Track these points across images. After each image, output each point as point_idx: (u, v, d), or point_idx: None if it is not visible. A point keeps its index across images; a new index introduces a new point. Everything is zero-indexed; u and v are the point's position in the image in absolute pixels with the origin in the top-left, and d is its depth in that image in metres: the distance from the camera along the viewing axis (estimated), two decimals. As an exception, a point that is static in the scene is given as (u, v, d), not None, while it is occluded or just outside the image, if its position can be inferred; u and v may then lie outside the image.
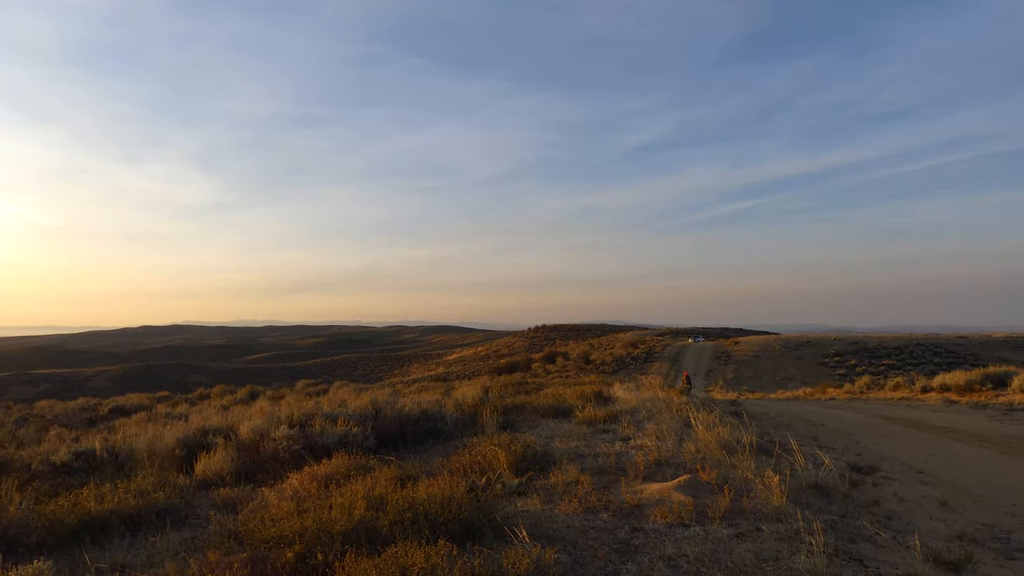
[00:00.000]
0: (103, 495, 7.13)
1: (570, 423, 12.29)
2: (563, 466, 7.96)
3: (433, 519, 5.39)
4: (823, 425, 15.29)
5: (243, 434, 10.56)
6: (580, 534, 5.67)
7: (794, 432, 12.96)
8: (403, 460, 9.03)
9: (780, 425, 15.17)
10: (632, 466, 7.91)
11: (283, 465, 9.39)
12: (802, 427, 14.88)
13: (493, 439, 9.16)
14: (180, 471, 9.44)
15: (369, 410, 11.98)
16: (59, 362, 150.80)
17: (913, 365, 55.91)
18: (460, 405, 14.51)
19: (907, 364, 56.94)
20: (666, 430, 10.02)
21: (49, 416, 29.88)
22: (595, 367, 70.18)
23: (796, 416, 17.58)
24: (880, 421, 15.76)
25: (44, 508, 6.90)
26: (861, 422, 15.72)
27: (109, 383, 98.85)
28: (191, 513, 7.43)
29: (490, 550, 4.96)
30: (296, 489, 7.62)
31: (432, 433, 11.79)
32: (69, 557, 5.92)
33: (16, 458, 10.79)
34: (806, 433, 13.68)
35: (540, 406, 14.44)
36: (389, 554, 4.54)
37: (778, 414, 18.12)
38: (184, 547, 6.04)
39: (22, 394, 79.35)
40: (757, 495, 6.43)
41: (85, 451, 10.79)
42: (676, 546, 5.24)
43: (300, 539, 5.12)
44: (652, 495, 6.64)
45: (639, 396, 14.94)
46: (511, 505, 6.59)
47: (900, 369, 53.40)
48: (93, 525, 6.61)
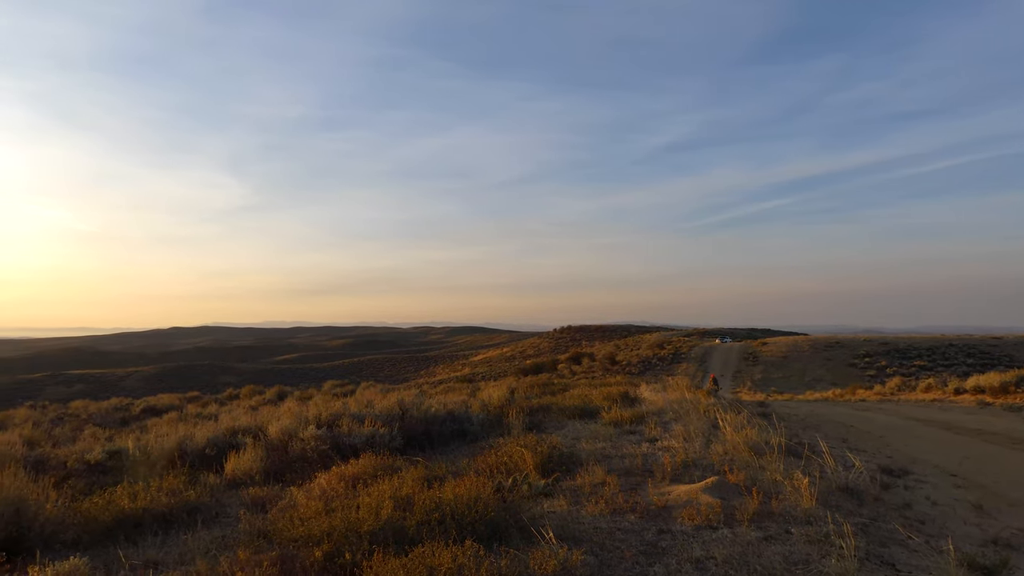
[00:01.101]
0: (136, 493, 7.26)
1: (596, 424, 12.25)
2: (590, 467, 7.93)
3: (460, 519, 5.40)
4: (853, 427, 15.08)
5: (272, 434, 10.68)
6: (607, 535, 5.65)
7: (823, 434, 12.79)
8: (430, 460, 9.06)
9: (809, 427, 14.98)
10: (659, 467, 7.87)
11: (311, 465, 9.47)
12: (831, 429, 14.69)
13: (519, 440, 9.16)
14: (210, 470, 9.57)
15: (396, 411, 12.04)
16: (92, 363, 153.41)
17: (945, 366, 54.96)
18: (486, 406, 14.53)
19: (939, 365, 55.98)
20: (693, 431, 9.95)
21: (83, 416, 30.43)
22: (621, 368, 69.91)
23: (825, 418, 17.36)
24: (912, 423, 15.51)
25: (79, 506, 7.05)
26: (892, 424, 15.48)
27: (141, 383, 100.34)
28: (221, 512, 7.52)
29: (517, 551, 4.96)
30: (324, 489, 7.68)
31: (458, 434, 11.82)
32: (104, 554, 6.03)
33: (52, 457, 11.02)
34: (836, 435, 13.50)
35: (566, 407, 14.41)
36: (416, 554, 4.55)
37: (807, 416, 17.90)
38: (215, 545, 6.12)
39: (57, 394, 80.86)
40: (786, 497, 6.37)
41: (118, 450, 10.99)
42: (704, 548, 5.20)
43: (328, 538, 5.16)
44: (679, 497, 6.59)
45: (666, 397, 14.86)
46: (538, 506, 6.58)
47: (932, 370, 52.54)
48: (127, 523, 6.72)
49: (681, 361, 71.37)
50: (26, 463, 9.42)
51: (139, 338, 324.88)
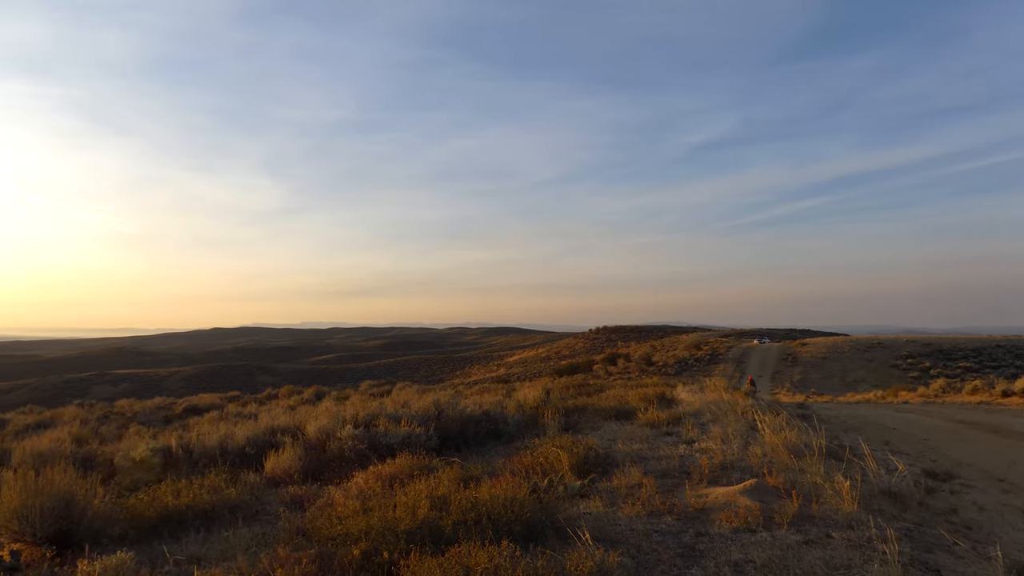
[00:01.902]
0: (179, 490, 7.42)
1: (632, 425, 12.18)
2: (626, 468, 7.89)
3: (496, 520, 5.41)
4: (896, 429, 14.77)
5: (310, 433, 10.82)
6: (643, 537, 5.61)
7: (865, 436, 12.55)
8: (465, 461, 9.10)
9: (850, 429, 14.71)
10: (696, 469, 7.80)
11: (348, 464, 9.56)
12: (873, 431, 14.40)
13: (555, 441, 9.16)
14: (250, 469, 9.72)
15: (432, 411, 12.11)
16: (137, 363, 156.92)
17: (992, 368, 53.57)
18: (521, 406, 14.53)
19: (986, 367, 54.58)
20: (731, 433, 9.84)
21: (128, 414, 31.14)
22: (657, 369, 69.41)
23: (867, 420, 17.03)
24: (957, 426, 15.14)
25: (125, 502, 7.22)
26: (937, 427, 15.13)
27: (183, 383, 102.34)
28: (261, 510, 7.63)
29: (553, 552, 4.96)
30: (361, 488, 7.75)
31: (493, 434, 11.84)
32: (149, 549, 6.16)
33: (99, 454, 11.31)
34: (878, 437, 13.23)
35: (602, 408, 14.35)
36: (453, 554, 4.58)
37: (848, 417, 17.58)
38: (255, 542, 6.21)
39: (104, 393, 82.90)
40: (827, 501, 6.26)
41: (162, 448, 11.22)
42: (742, 551, 5.14)
43: (366, 537, 5.21)
44: (717, 499, 6.53)
45: (703, 398, 14.72)
46: (573, 507, 6.57)
47: (978, 372, 51.25)
48: (170, 519, 6.87)
49: (718, 362, 70.64)
50: (75, 460, 9.66)
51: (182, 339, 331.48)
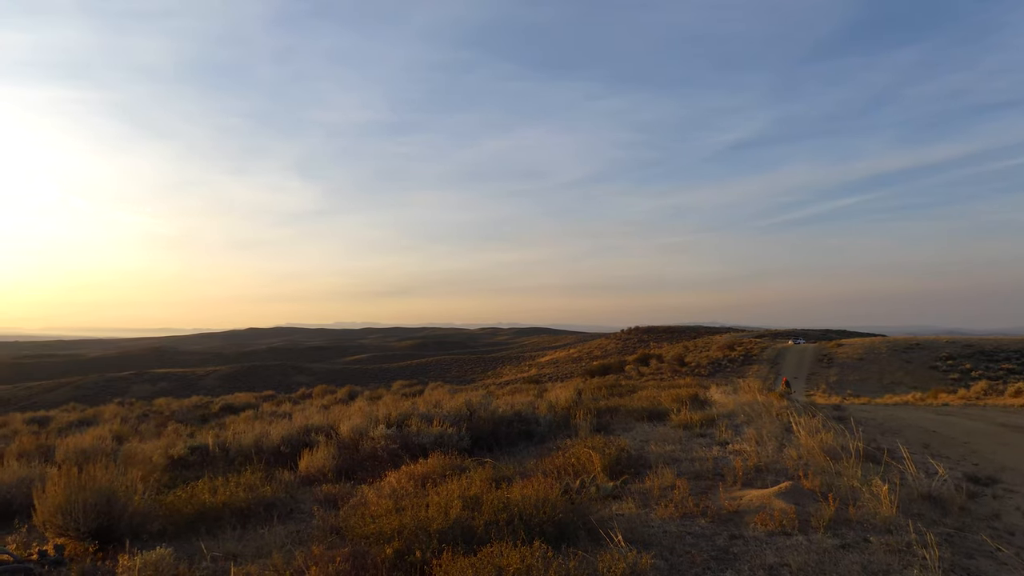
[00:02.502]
0: (216, 488, 7.55)
1: (665, 426, 12.11)
2: (658, 470, 7.84)
3: (528, 520, 5.42)
4: (935, 432, 14.46)
5: (343, 433, 10.93)
6: (677, 540, 5.58)
7: (904, 439, 12.31)
8: (497, 461, 9.11)
9: (888, 431, 14.44)
10: (730, 471, 7.72)
11: (381, 463, 9.64)
12: (912, 434, 14.12)
13: (587, 441, 9.14)
14: (285, 467, 9.84)
15: (463, 411, 12.15)
16: (174, 362, 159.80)
17: (1036, 369, 52.21)
18: (553, 407, 14.52)
19: (1030, 368, 53.23)
20: (766, 435, 9.73)
21: (166, 412, 31.73)
22: (690, 370, 68.85)
23: (905, 422, 16.70)
24: (999, 429, 14.78)
25: (164, 499, 7.37)
26: (978, 430, 14.78)
27: (219, 382, 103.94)
28: (295, 508, 7.73)
29: (585, 553, 4.95)
30: (394, 487, 7.81)
31: (525, 435, 11.84)
32: (187, 545, 6.27)
33: (139, 451, 11.53)
34: (917, 440, 12.97)
35: (634, 409, 14.28)
36: (485, 554, 4.59)
37: (885, 420, 17.26)
38: (290, 540, 6.30)
39: (142, 392, 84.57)
40: (864, 504, 6.16)
41: (199, 446, 11.43)
42: (777, 555, 5.08)
43: (399, 536, 5.25)
44: (752, 502, 6.46)
45: (737, 400, 14.56)
46: (606, 508, 6.55)
47: (1021, 374, 49.99)
48: (208, 516, 6.99)
49: (752, 363, 69.84)
50: (116, 457, 9.87)
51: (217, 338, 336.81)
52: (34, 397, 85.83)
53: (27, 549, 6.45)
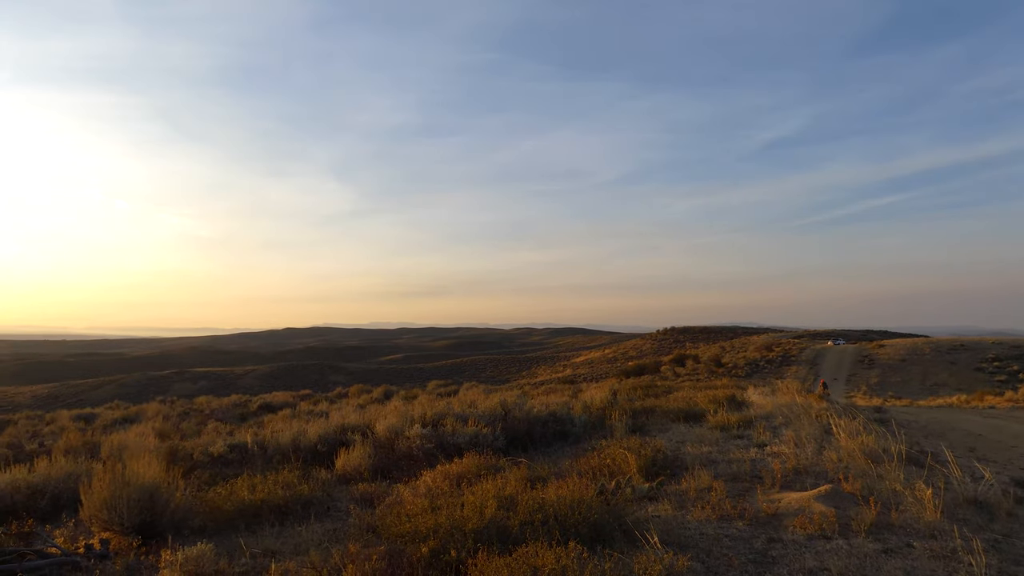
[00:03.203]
0: (255, 485, 7.66)
1: (702, 428, 11.99)
2: (695, 472, 7.77)
3: (563, 521, 5.41)
4: (981, 436, 14.09)
5: (379, 432, 11.02)
6: (714, 542, 5.52)
7: (948, 442, 12.02)
8: (532, 461, 9.11)
9: (932, 434, 14.12)
10: (768, 473, 7.62)
11: (417, 463, 9.70)
12: (957, 437, 13.78)
13: (622, 442, 9.09)
14: (322, 466, 9.96)
15: (498, 411, 12.16)
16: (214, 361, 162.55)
17: (1088, 371, 50.66)
18: (588, 407, 14.47)
19: (1081, 370, 51.66)
20: (804, 437, 9.57)
21: (207, 411, 32.30)
22: (727, 371, 68.10)
23: (950, 425, 16.31)
24: (1049, 433, 14.36)
25: (205, 495, 7.51)
26: (1026, 433, 14.39)
27: (257, 381, 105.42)
28: (332, 506, 7.82)
29: (620, 554, 4.92)
30: (429, 486, 7.85)
31: (560, 435, 11.82)
32: (227, 541, 6.38)
33: (181, 448, 11.76)
34: (962, 444, 12.65)
35: (670, 410, 14.16)
36: (520, 554, 4.59)
37: (929, 422, 16.87)
38: (327, 537, 6.37)
39: (183, 390, 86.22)
40: (907, 509, 6.03)
41: (238, 444, 11.62)
42: (817, 559, 5.00)
43: (434, 535, 5.28)
44: (790, 504, 6.36)
45: (775, 401, 14.36)
46: (641, 510, 6.51)
47: (1072, 376, 48.52)
48: (247, 513, 7.11)
49: (791, 364, 68.85)
50: (157, 454, 10.06)
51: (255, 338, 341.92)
52: (80, 395, 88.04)
53: (74, 543, 6.62)
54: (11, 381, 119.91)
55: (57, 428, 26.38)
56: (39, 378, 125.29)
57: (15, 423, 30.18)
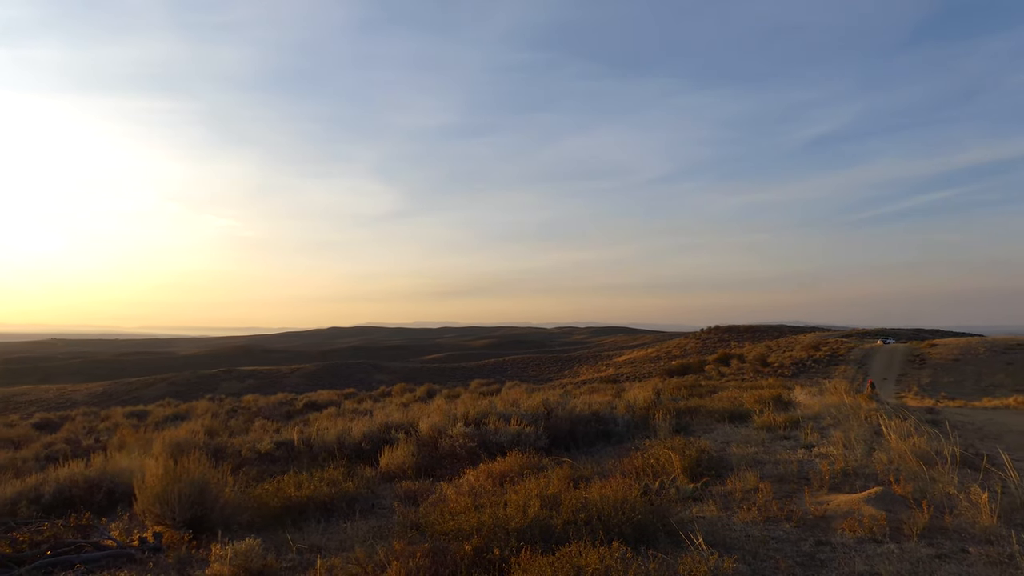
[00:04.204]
0: (301, 482, 7.79)
1: (747, 428, 11.83)
2: (740, 472, 7.67)
3: (606, 520, 5.39)
4: (1040, 438, 13.63)
5: (422, 430, 11.11)
6: (760, 544, 5.44)
7: (1005, 445, 11.64)
8: (575, 461, 9.09)
9: (987, 437, 13.70)
10: (816, 475, 7.48)
11: (459, 461, 9.75)
12: (1014, 440, 13.34)
13: (666, 442, 9.02)
14: (366, 463, 10.08)
15: (541, 410, 12.17)
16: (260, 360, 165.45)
17: None
18: (631, 407, 14.38)
19: None
20: (853, 438, 9.38)
21: (253, 409, 32.94)
22: (773, 370, 67.03)
23: (1007, 427, 15.79)
24: (1112, 435, 13.84)
25: (252, 491, 7.66)
26: (1088, 436, 13.88)
27: (302, 380, 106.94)
28: (377, 503, 7.91)
29: (665, 555, 4.89)
30: (472, 485, 7.89)
31: (603, 435, 11.77)
32: (274, 537, 6.50)
33: (229, 446, 12.02)
34: (1019, 446, 12.25)
35: (715, 410, 14.01)
36: (563, 553, 4.59)
37: (984, 424, 16.37)
38: (371, 534, 6.45)
39: (231, 388, 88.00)
40: (961, 513, 5.87)
41: (285, 442, 11.82)
42: (867, 563, 4.89)
43: (477, 533, 5.30)
44: (839, 507, 6.24)
45: (822, 401, 14.09)
46: (686, 510, 6.45)
47: None
48: (293, 509, 7.24)
49: (839, 363, 67.47)
50: (207, 450, 10.31)
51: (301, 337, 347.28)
52: (133, 392, 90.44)
53: (129, 535, 6.83)
54: (69, 379, 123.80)
55: (112, 425, 27.19)
56: (94, 376, 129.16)
57: (72, 419, 31.19)
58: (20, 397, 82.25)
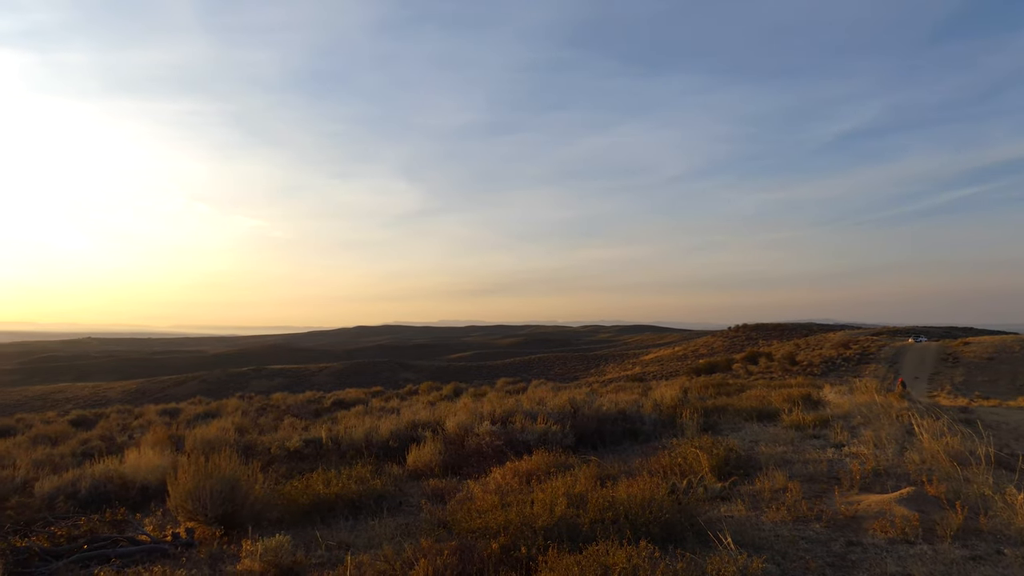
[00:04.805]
0: (329, 480, 7.88)
1: (776, 427, 11.72)
2: (769, 472, 7.60)
3: (633, 519, 5.38)
4: (1079, 438, 13.34)
5: (449, 429, 11.15)
6: (789, 544, 5.39)
7: (1041, 445, 11.43)
8: (601, 459, 9.08)
9: (1023, 437, 13.45)
10: (846, 475, 7.39)
11: (486, 459, 9.78)
12: (1051, 440, 13.08)
13: (694, 441, 8.97)
14: (393, 461, 10.15)
15: (567, 409, 12.16)
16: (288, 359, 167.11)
17: None
18: (658, 406, 14.31)
19: None
20: (885, 437, 9.25)
21: (282, 407, 33.28)
22: (801, 369, 66.26)
23: (1043, 427, 15.49)
24: None
25: (282, 488, 7.76)
26: None
27: (330, 378, 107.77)
28: (404, 501, 7.97)
29: (693, 554, 4.86)
30: (499, 483, 7.91)
31: (630, 433, 11.73)
32: (303, 533, 6.59)
33: (259, 443, 12.17)
34: (1057, 447, 12.01)
35: (742, 408, 13.88)
36: (591, 552, 4.59)
37: (1020, 424, 16.06)
38: (399, 532, 6.50)
39: (261, 386, 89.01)
40: (997, 514, 5.77)
41: (313, 439, 11.94)
42: (899, 564, 4.83)
43: (504, 532, 5.32)
44: (870, 507, 6.16)
45: (852, 400, 13.90)
46: (714, 510, 6.41)
47: None
48: (322, 506, 7.32)
49: (869, 362, 66.48)
50: (237, 448, 10.45)
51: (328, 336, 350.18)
52: (165, 390, 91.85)
53: (162, 531, 6.97)
54: (103, 377, 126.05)
55: (145, 422, 27.64)
56: (128, 374, 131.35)
57: (107, 417, 31.76)
58: (57, 395, 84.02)
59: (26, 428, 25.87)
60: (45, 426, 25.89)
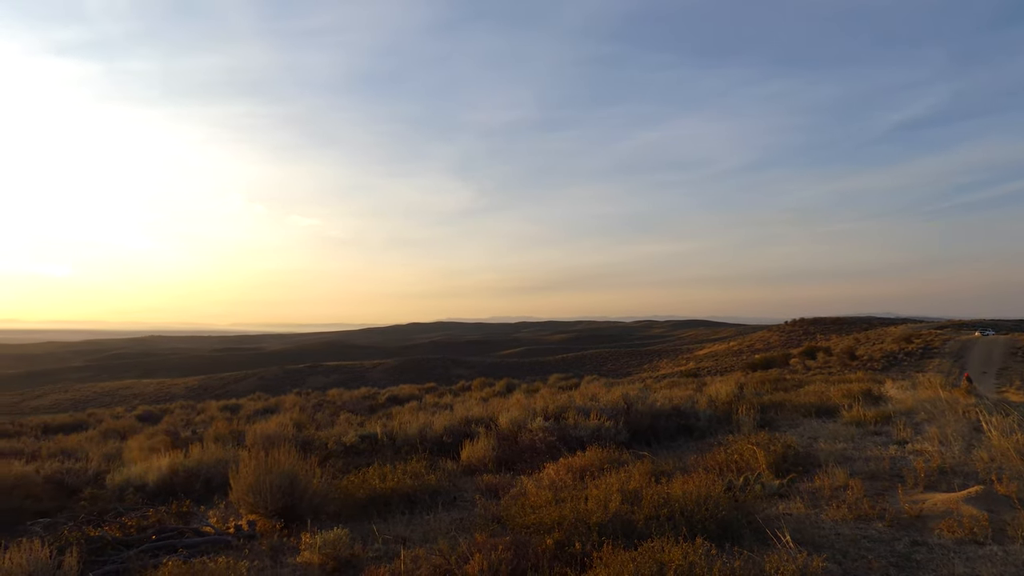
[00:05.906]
0: (385, 475, 7.99)
1: (835, 423, 11.45)
2: (829, 469, 7.44)
3: (689, 516, 5.33)
4: None
5: (502, 424, 11.21)
6: (851, 543, 5.27)
7: (1120, 443, 10.92)
8: (655, 455, 9.01)
9: (1100, 434, 12.86)
10: (911, 473, 7.18)
11: (539, 455, 9.79)
12: None
13: (750, 437, 8.84)
14: (447, 456, 10.24)
15: (620, 404, 12.09)
16: (344, 355, 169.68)
17: None
18: (713, 402, 14.13)
19: None
20: (950, 434, 8.96)
21: (338, 403, 33.91)
22: (861, 364, 64.50)
23: (1122, 424, 14.79)
24: None
25: (339, 483, 7.90)
26: None
27: (384, 375, 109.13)
28: (458, 496, 8.03)
29: (750, 552, 4.79)
30: (552, 479, 7.92)
31: (684, 430, 11.62)
32: (360, 527, 6.69)
33: (316, 438, 12.41)
34: None
35: (800, 404, 13.61)
36: (646, 548, 4.56)
37: (1097, 421, 15.37)
38: (454, 526, 6.56)
39: (317, 383, 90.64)
40: (1072, 514, 5.54)
41: (369, 435, 12.12)
42: (967, 566, 4.68)
43: (559, 527, 5.33)
44: (936, 506, 5.98)
45: (915, 395, 13.50)
46: (772, 507, 6.31)
47: None
48: (378, 501, 7.43)
49: (932, 356, 64.36)
50: (296, 443, 10.68)
51: (382, 333, 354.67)
52: (226, 387, 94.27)
53: (225, 523, 7.17)
54: (168, 374, 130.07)
55: (207, 417, 28.49)
56: (190, 371, 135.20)
57: (172, 412, 32.85)
58: (124, 391, 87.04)
59: (96, 423, 26.98)
60: (114, 421, 26.92)
